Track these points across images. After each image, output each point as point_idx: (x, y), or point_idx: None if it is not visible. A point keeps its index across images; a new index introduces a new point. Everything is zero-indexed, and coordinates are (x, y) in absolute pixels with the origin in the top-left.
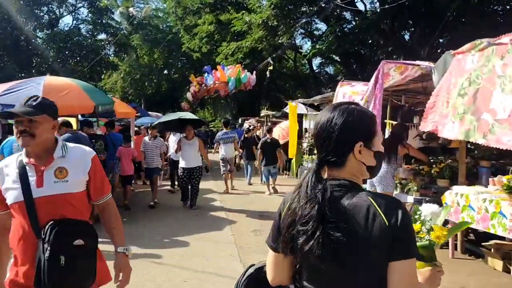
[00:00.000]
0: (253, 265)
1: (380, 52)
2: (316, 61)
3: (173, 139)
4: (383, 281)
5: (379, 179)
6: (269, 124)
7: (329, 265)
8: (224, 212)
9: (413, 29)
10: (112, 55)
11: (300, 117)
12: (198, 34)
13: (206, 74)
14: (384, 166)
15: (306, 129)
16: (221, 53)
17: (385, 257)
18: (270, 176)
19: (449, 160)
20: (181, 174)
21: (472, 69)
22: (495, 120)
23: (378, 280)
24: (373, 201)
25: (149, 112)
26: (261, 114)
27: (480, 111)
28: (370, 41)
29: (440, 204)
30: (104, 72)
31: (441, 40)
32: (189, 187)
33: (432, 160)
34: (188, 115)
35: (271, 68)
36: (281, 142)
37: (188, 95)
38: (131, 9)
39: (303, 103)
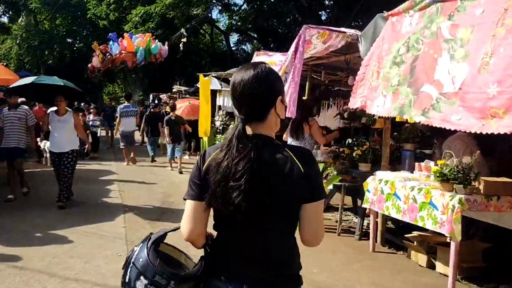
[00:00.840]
0: (151, 234)
1: (298, 29)
2: (234, 38)
3: None
4: (295, 221)
5: None
6: (174, 101)
7: (255, 214)
8: (120, 196)
9: (332, 7)
10: (1, 15)
11: (213, 93)
12: None
13: (111, 42)
14: (292, 142)
15: (220, 106)
16: (130, 21)
17: (298, 199)
18: (175, 154)
19: (372, 143)
20: (52, 159)
21: (411, 32)
22: (441, 94)
23: (293, 221)
24: (291, 153)
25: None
26: (173, 90)
27: (419, 83)
28: (288, 19)
29: (361, 191)
30: None
31: (359, 21)
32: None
33: (353, 142)
34: (57, 81)
35: (184, 40)
36: (189, 119)
37: (90, 66)
38: None
39: (217, 77)
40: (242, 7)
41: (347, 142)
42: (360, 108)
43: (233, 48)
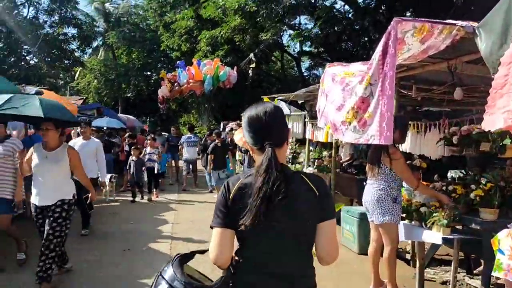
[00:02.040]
0: (178, 254)
1: (374, 48)
2: (305, 64)
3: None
4: (312, 240)
5: (371, 203)
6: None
7: (287, 228)
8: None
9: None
10: (77, 49)
11: None
12: (177, 30)
13: (179, 70)
14: (368, 181)
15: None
16: (200, 50)
17: (314, 219)
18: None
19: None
20: (34, 215)
21: None
22: None
23: (310, 240)
24: (306, 179)
25: (121, 115)
26: (243, 118)
27: None
28: (363, 38)
29: (485, 248)
30: (69, 68)
31: None
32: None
33: (467, 176)
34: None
35: (253, 66)
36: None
37: (159, 97)
38: (107, 4)
39: (284, 100)
40: (313, 30)
41: (457, 176)
42: (505, 129)
43: (305, 74)
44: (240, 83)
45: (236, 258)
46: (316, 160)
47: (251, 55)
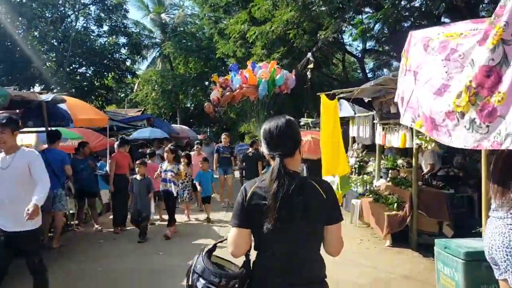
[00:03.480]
0: (203, 248)
1: None
2: (369, 65)
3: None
4: (321, 237)
5: (504, 251)
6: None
7: (294, 227)
8: None
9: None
10: (127, 59)
11: (343, 121)
12: (231, 36)
13: (232, 74)
14: (495, 213)
15: (354, 138)
16: (255, 54)
17: (324, 220)
18: None
19: None
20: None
21: None
22: None
23: (319, 236)
24: (315, 184)
25: (175, 125)
26: (301, 123)
27: None
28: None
29: None
30: (120, 79)
31: None
32: None
33: None
34: None
35: (311, 66)
36: (309, 157)
37: (206, 105)
38: (163, 15)
39: (346, 99)
40: (376, 27)
41: None
42: None
43: (369, 76)
44: (299, 87)
45: (255, 253)
46: (390, 171)
47: (309, 54)
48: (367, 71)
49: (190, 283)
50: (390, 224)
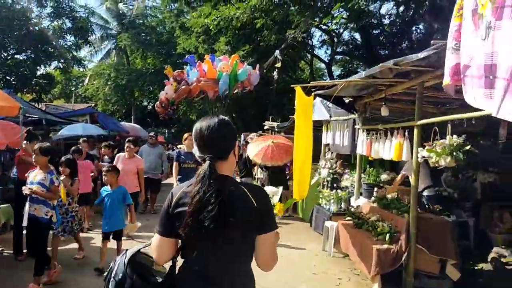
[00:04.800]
0: (126, 250)
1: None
2: (336, 72)
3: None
4: (251, 248)
5: None
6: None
7: (221, 237)
8: None
9: None
10: (72, 46)
11: (315, 127)
12: (194, 30)
13: (188, 67)
14: None
15: (327, 145)
16: (218, 50)
17: (254, 231)
18: None
19: None
20: None
21: None
22: None
23: (248, 246)
24: (246, 190)
25: (125, 123)
26: (265, 127)
27: None
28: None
29: None
30: (65, 69)
31: None
32: None
33: None
34: None
35: (279, 65)
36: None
37: (157, 104)
38: (120, 5)
39: (323, 97)
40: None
41: None
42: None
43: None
44: (263, 89)
45: (181, 260)
46: (376, 189)
47: (277, 52)
48: (334, 78)
49: None
50: (381, 262)
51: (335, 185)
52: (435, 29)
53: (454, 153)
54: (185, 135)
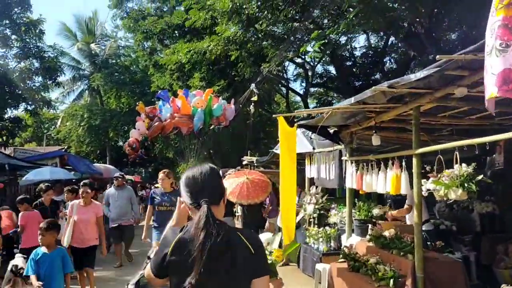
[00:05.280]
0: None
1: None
2: (313, 103)
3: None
4: None
5: None
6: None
7: (218, 282)
8: None
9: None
10: (41, 86)
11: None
12: (168, 67)
13: (160, 103)
14: None
15: (312, 180)
16: (193, 86)
17: (251, 275)
18: None
19: None
20: None
21: None
22: None
23: None
24: (241, 236)
25: (98, 164)
26: (244, 162)
27: None
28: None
29: None
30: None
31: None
32: None
33: None
34: None
35: (255, 98)
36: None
37: (128, 142)
38: (92, 45)
39: (307, 127)
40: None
41: None
42: None
43: (313, 116)
44: (239, 125)
45: None
46: (370, 227)
47: (252, 85)
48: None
49: None
50: None
51: (322, 221)
52: (410, 56)
53: (466, 184)
54: (161, 174)
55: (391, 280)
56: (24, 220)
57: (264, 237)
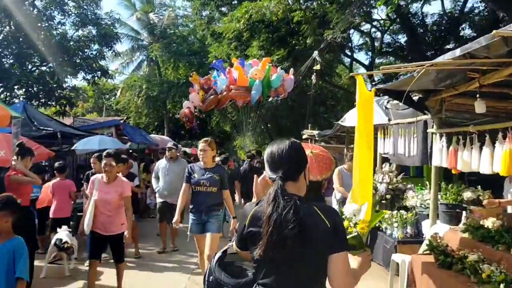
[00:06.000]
0: (214, 257)
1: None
2: (378, 75)
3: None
4: (325, 269)
5: None
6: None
7: (296, 258)
8: None
9: None
10: (98, 54)
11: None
12: (225, 36)
13: (215, 73)
14: None
15: (383, 155)
16: (251, 56)
17: (326, 251)
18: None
19: None
20: None
21: None
22: None
23: (322, 268)
24: (318, 210)
25: (154, 135)
26: (304, 137)
27: None
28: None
29: None
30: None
31: None
32: None
33: None
34: None
35: (317, 67)
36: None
37: (182, 111)
38: (151, 15)
39: (386, 91)
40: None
41: None
42: None
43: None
44: (299, 98)
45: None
46: (465, 215)
47: (315, 53)
48: (376, 83)
49: None
50: None
51: (396, 204)
52: (498, 18)
53: None
54: (201, 144)
55: (502, 285)
56: (54, 190)
57: (350, 208)
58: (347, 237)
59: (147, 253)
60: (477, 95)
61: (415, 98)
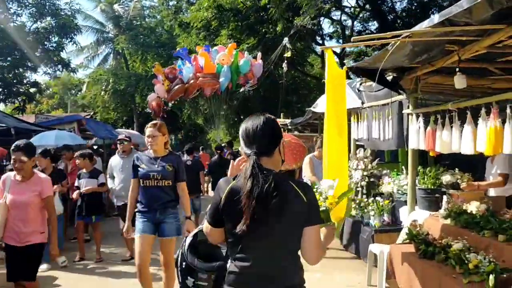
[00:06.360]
0: (184, 242)
1: None
2: (349, 63)
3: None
4: (299, 241)
5: None
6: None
7: (269, 229)
8: None
9: None
10: (58, 46)
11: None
12: (194, 26)
13: (179, 62)
14: None
15: (356, 141)
16: (220, 45)
17: (302, 224)
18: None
19: None
20: None
21: None
22: None
23: (296, 240)
24: (294, 185)
25: (121, 130)
26: None
27: None
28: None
29: None
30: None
31: None
32: None
33: None
34: None
35: (288, 54)
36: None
37: (150, 104)
38: (116, 6)
39: (357, 69)
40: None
41: None
42: None
43: (352, 78)
44: (270, 87)
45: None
46: (446, 199)
47: (285, 39)
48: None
49: (180, 280)
50: None
51: (372, 191)
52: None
53: None
54: (149, 128)
55: (491, 276)
56: None
57: (326, 183)
58: None
59: (111, 255)
60: (457, 69)
61: (389, 78)
